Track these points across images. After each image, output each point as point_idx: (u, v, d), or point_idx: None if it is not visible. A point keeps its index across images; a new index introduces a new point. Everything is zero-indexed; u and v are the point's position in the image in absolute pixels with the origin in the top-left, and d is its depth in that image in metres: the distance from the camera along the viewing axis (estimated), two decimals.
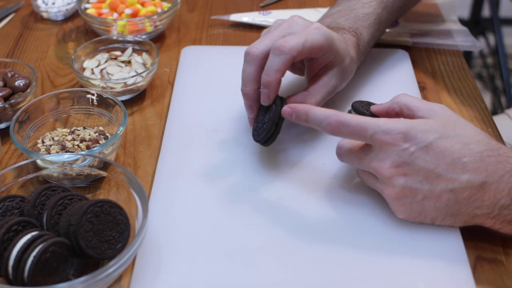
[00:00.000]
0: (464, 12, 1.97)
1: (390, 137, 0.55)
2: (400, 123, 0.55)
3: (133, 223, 0.57)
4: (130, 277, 0.56)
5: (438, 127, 0.55)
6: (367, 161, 0.57)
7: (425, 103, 0.59)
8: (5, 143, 0.73)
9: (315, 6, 0.96)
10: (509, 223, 0.56)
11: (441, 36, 0.89)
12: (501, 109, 1.75)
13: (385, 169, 0.56)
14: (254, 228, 0.60)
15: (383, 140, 0.55)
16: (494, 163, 0.54)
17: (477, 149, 0.54)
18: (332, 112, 0.57)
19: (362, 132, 0.56)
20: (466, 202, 0.55)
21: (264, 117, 0.64)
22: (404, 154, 0.55)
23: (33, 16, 0.99)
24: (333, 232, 0.59)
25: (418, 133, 0.55)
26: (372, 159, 0.57)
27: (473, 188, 0.54)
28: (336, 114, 0.57)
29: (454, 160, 0.54)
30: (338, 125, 0.56)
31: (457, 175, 0.54)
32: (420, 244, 0.57)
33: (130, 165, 0.69)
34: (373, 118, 0.56)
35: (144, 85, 0.79)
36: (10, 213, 0.57)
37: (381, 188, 0.58)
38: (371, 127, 0.55)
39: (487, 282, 0.56)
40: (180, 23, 0.96)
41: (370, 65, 0.82)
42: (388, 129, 0.55)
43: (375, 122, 0.56)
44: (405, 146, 0.55)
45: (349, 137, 0.57)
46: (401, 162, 0.55)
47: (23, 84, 0.76)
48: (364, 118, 0.56)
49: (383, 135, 0.55)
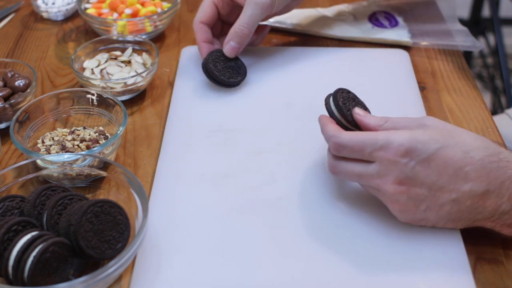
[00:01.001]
0: (464, 12, 1.97)
1: (390, 153, 0.54)
2: (399, 136, 0.54)
3: (133, 223, 0.57)
4: (130, 277, 0.56)
5: (438, 136, 0.54)
6: (367, 178, 0.57)
7: (414, 120, 0.58)
8: (5, 143, 0.73)
9: (315, 6, 0.96)
10: (508, 226, 0.56)
11: (441, 36, 0.89)
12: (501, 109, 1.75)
13: (388, 186, 0.55)
14: (254, 228, 0.60)
15: (382, 157, 0.54)
16: (495, 169, 0.54)
17: (478, 157, 0.54)
18: (334, 133, 0.57)
19: (361, 151, 0.55)
20: (468, 210, 0.55)
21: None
22: (405, 169, 0.54)
23: (33, 16, 0.99)
24: (333, 232, 0.59)
25: (418, 144, 0.54)
26: (373, 176, 0.56)
27: (475, 196, 0.54)
28: (336, 136, 0.57)
29: (456, 171, 0.54)
30: (337, 148, 0.57)
31: (460, 186, 0.54)
32: (420, 244, 0.57)
33: (130, 165, 0.69)
34: (370, 134, 0.56)
35: (144, 85, 0.79)
36: (10, 213, 0.57)
37: (383, 200, 0.58)
38: (369, 145, 0.55)
39: (487, 282, 0.56)
40: (180, 23, 0.96)
41: (370, 65, 0.82)
42: (386, 143, 0.54)
43: (374, 137, 0.55)
44: (406, 161, 0.54)
45: (350, 156, 0.57)
46: (403, 178, 0.54)
47: (23, 84, 0.76)
48: (361, 135, 0.56)
49: (382, 152, 0.54)
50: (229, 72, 0.77)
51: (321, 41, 0.90)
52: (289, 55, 0.85)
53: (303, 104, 0.75)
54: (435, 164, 0.54)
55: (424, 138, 0.54)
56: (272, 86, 0.79)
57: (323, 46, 0.88)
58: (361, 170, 0.57)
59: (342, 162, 0.58)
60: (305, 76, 0.81)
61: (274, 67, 0.82)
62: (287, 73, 0.81)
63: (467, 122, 0.75)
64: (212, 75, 0.76)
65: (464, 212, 0.55)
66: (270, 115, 0.74)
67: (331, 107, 0.62)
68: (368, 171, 0.56)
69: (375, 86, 0.78)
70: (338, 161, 0.58)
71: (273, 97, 0.77)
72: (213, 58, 0.77)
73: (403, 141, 0.54)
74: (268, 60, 0.84)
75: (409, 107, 0.75)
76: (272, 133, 0.71)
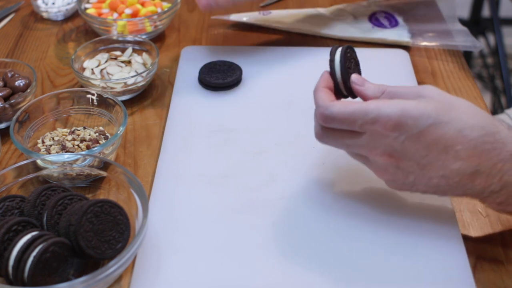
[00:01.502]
0: (464, 12, 1.97)
1: (380, 126, 0.53)
2: (390, 108, 0.53)
3: (133, 223, 0.57)
4: (130, 277, 0.56)
5: (432, 111, 0.53)
6: (356, 147, 0.56)
7: (412, 90, 0.56)
8: (5, 143, 0.73)
9: (315, 6, 0.96)
10: (498, 204, 0.55)
11: (441, 36, 0.89)
12: (501, 109, 1.75)
13: (377, 156, 0.55)
14: (254, 228, 0.60)
15: (372, 129, 0.54)
16: (488, 151, 0.52)
17: (471, 136, 0.52)
18: (323, 103, 0.56)
19: (351, 124, 0.55)
20: (456, 186, 0.54)
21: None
22: (394, 143, 0.53)
23: (33, 16, 0.99)
24: (333, 232, 0.59)
25: (408, 119, 0.52)
26: (362, 146, 0.56)
27: (464, 175, 0.53)
28: (325, 106, 0.55)
29: (446, 148, 0.53)
30: (325, 119, 0.56)
31: (449, 163, 0.53)
32: (420, 244, 0.57)
33: (130, 165, 0.69)
34: (360, 105, 0.54)
35: (144, 85, 0.79)
36: (10, 213, 0.57)
37: (371, 168, 0.57)
38: (359, 118, 0.54)
39: (487, 282, 0.56)
40: (180, 23, 0.96)
41: (370, 65, 0.82)
42: (377, 116, 0.53)
43: (364, 109, 0.54)
44: (395, 135, 0.53)
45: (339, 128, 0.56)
46: (392, 151, 0.54)
47: (23, 84, 0.76)
48: (351, 106, 0.54)
49: (372, 125, 0.54)
50: (223, 75, 0.78)
51: (321, 41, 0.90)
52: (289, 55, 0.85)
53: (303, 104, 0.75)
54: (425, 140, 0.53)
55: (417, 113, 0.53)
56: (272, 86, 0.79)
57: (323, 46, 0.88)
58: (350, 141, 0.56)
59: (330, 131, 0.57)
60: (305, 76, 0.80)
61: (274, 67, 0.82)
62: (287, 73, 0.81)
63: None
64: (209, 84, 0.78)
65: (453, 187, 0.54)
66: (270, 115, 0.74)
67: (334, 66, 0.59)
68: (358, 142, 0.56)
69: None
70: (326, 129, 0.57)
71: (273, 97, 0.77)
72: (207, 69, 0.79)
73: (393, 114, 0.53)
74: (268, 60, 0.84)
75: None
76: (272, 133, 0.71)
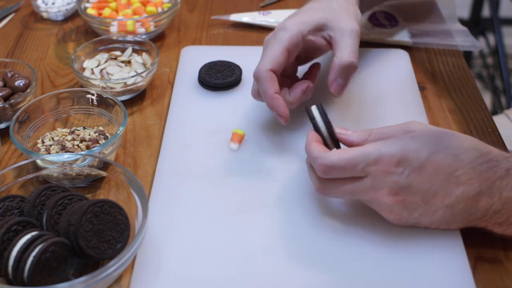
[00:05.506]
0: (464, 12, 1.97)
1: (383, 165, 0.53)
2: (389, 147, 0.54)
3: (133, 223, 0.57)
4: (130, 277, 0.56)
5: (428, 142, 0.54)
6: (360, 193, 0.56)
7: (398, 127, 0.56)
8: (5, 143, 0.73)
9: None
10: (500, 225, 0.56)
11: (441, 36, 0.89)
12: (501, 109, 1.75)
13: (383, 198, 0.55)
14: (254, 228, 0.60)
15: (375, 170, 0.54)
16: (486, 170, 0.54)
17: (468, 159, 0.54)
18: (321, 154, 0.55)
19: (353, 168, 0.54)
20: (461, 213, 0.55)
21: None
22: (399, 179, 0.54)
23: (33, 16, 0.99)
24: (332, 232, 0.59)
25: (410, 154, 0.53)
26: (366, 190, 0.55)
27: (468, 199, 0.54)
28: (324, 157, 0.55)
29: (447, 176, 0.54)
30: (326, 170, 0.55)
31: (452, 190, 0.54)
32: (420, 244, 0.57)
33: (130, 165, 0.69)
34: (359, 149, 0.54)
35: (144, 85, 0.79)
36: (10, 213, 0.57)
37: (377, 210, 0.57)
38: (361, 161, 0.54)
39: (487, 282, 0.56)
40: (180, 23, 0.96)
41: (370, 65, 0.82)
42: (379, 156, 0.53)
43: (364, 152, 0.54)
44: (400, 171, 0.53)
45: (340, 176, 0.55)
46: (398, 188, 0.54)
47: (23, 84, 0.76)
48: (350, 152, 0.54)
49: (375, 165, 0.54)
50: (223, 75, 0.78)
51: None
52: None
53: (303, 103, 0.75)
54: (427, 172, 0.53)
55: (415, 146, 0.54)
56: None
57: None
58: (353, 188, 0.55)
59: (331, 182, 0.56)
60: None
61: None
62: None
63: (467, 122, 0.75)
64: (208, 84, 0.78)
65: (457, 215, 0.55)
66: (270, 115, 0.74)
67: (317, 123, 0.58)
68: (362, 187, 0.55)
69: (375, 86, 0.78)
70: (326, 181, 0.57)
71: None
72: (207, 69, 0.79)
73: (395, 151, 0.53)
74: None
75: (409, 107, 0.75)
76: (272, 133, 0.71)
